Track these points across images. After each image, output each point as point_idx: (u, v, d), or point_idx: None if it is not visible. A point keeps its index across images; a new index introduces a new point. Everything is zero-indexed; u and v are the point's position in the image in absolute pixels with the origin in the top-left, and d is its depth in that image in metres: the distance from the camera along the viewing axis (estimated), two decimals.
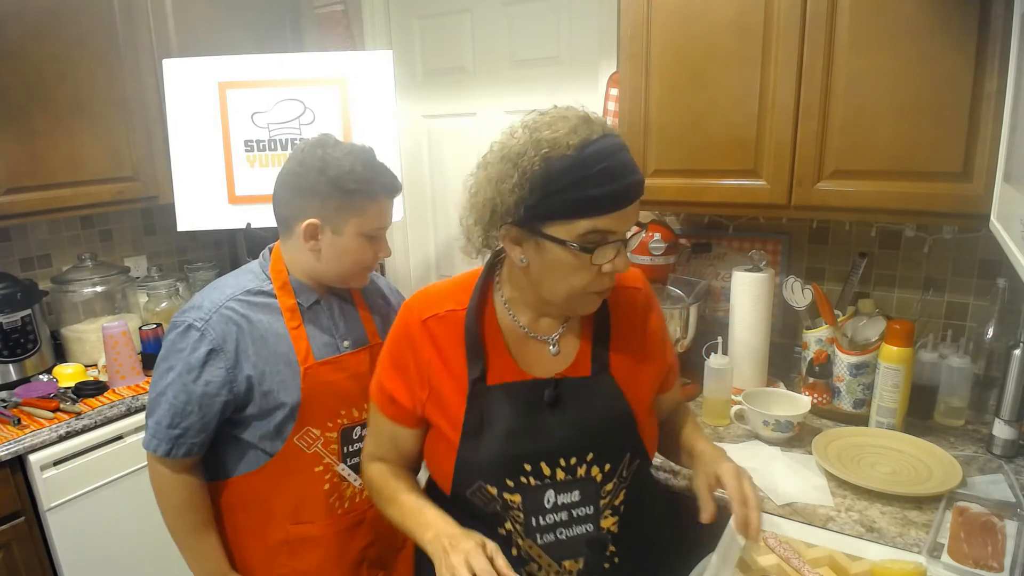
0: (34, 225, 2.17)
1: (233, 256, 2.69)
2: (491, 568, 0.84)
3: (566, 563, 0.99)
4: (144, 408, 1.78)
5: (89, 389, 1.85)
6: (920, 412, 1.51)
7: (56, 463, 1.66)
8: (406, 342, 1.03)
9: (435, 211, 2.60)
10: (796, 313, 1.65)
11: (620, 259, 0.92)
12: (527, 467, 0.96)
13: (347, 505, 1.31)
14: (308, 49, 2.61)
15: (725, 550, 1.04)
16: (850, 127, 1.35)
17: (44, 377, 1.95)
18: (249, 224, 2.03)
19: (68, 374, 1.93)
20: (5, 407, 1.75)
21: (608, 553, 1.01)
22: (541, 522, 0.97)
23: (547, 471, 0.97)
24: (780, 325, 1.82)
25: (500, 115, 2.27)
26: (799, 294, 1.61)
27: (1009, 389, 1.34)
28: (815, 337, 1.59)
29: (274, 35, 2.48)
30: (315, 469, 1.26)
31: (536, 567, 0.99)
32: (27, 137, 1.84)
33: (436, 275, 2.68)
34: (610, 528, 1.01)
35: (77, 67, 1.93)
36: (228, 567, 1.28)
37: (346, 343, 1.29)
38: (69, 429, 1.69)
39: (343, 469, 1.29)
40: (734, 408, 1.52)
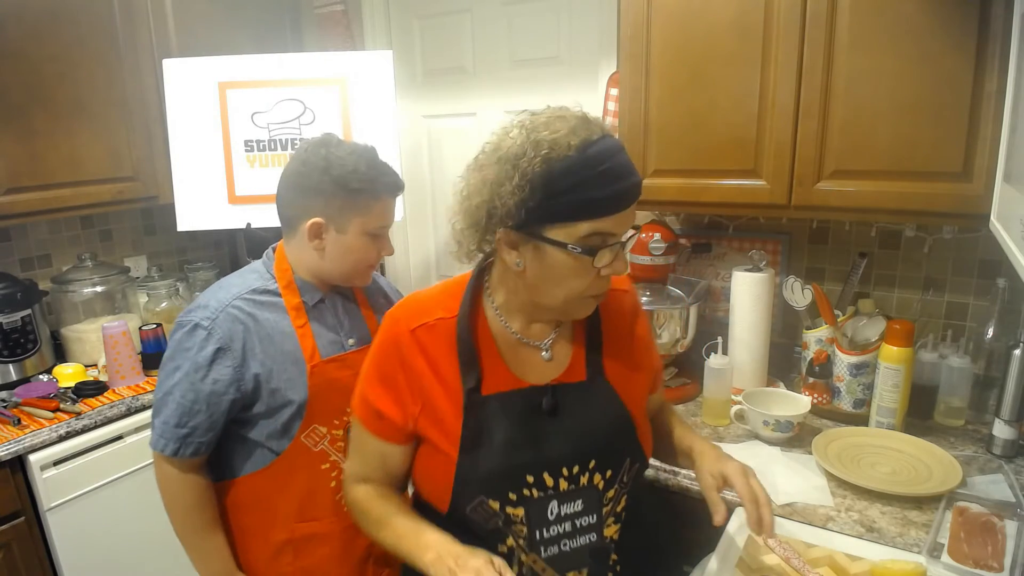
0: (34, 225, 2.17)
1: (233, 256, 2.69)
2: None
3: (570, 575, 0.97)
4: (144, 408, 1.80)
5: (89, 389, 1.85)
6: (920, 412, 1.51)
7: (56, 463, 1.66)
8: (394, 354, 0.98)
9: (435, 211, 2.60)
10: (796, 313, 1.65)
11: (619, 262, 0.91)
12: (529, 478, 0.93)
13: None
14: (308, 49, 2.61)
15: (725, 551, 1.05)
16: (850, 127, 1.35)
17: (44, 377, 1.95)
18: (249, 224, 2.03)
19: (68, 374, 1.93)
20: (5, 407, 1.75)
21: (611, 562, 1.00)
22: (545, 534, 0.95)
23: (550, 481, 0.94)
24: (780, 325, 1.82)
25: (500, 115, 2.26)
26: (799, 294, 1.61)
27: (1009, 389, 1.34)
28: (815, 337, 1.59)
29: (274, 35, 2.48)
30: (322, 467, 1.27)
31: None
32: (27, 137, 1.84)
33: (436, 275, 2.68)
34: (612, 536, 1.00)
35: (77, 67, 1.93)
36: (234, 567, 1.28)
37: (351, 341, 1.30)
38: (69, 429, 1.69)
39: None
40: (734, 408, 1.52)
